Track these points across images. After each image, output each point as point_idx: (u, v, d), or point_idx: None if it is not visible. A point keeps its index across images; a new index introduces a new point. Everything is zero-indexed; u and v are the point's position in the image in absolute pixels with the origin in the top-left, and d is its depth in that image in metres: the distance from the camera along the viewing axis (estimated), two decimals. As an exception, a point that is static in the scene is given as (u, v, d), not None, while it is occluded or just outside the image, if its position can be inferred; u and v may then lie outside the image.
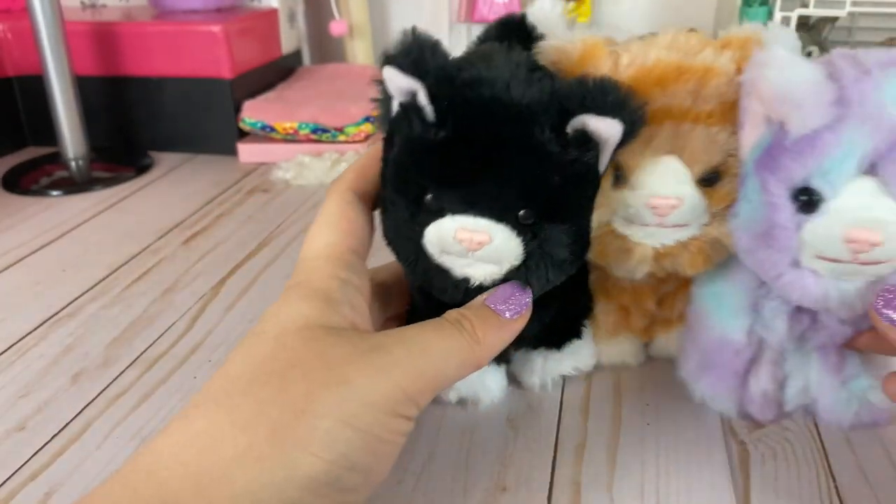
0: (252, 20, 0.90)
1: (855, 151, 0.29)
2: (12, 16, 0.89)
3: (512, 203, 0.30)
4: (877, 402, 0.36)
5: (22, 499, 0.35)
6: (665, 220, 0.34)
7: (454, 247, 0.31)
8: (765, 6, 0.83)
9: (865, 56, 0.31)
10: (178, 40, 0.85)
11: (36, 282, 0.57)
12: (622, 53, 0.34)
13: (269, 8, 0.96)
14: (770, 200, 0.31)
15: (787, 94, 0.29)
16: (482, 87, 0.30)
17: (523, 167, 0.30)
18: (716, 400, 0.38)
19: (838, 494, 0.34)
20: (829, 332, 0.35)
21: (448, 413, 0.40)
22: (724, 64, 0.34)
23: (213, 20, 0.86)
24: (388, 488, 0.35)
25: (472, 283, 0.32)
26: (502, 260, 0.31)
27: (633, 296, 0.41)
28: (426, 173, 0.31)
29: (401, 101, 0.31)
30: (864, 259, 0.29)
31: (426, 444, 0.38)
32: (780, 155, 0.30)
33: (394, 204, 0.32)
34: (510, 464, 0.36)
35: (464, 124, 0.30)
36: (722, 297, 0.37)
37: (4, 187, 0.78)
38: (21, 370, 0.46)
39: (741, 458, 0.36)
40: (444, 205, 0.31)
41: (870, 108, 0.29)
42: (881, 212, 0.29)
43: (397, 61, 0.29)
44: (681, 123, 0.33)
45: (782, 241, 0.31)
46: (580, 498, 0.34)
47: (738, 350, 0.36)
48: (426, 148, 0.30)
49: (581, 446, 0.37)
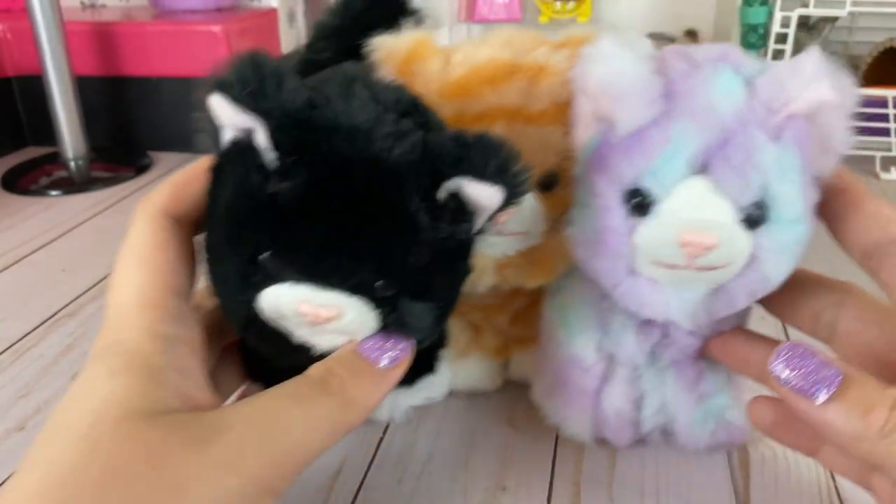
0: (252, 20, 0.90)
1: (684, 149, 0.27)
2: (12, 16, 0.89)
3: (368, 278, 0.25)
4: (734, 420, 0.35)
5: (21, 499, 0.35)
6: (502, 228, 0.32)
7: (294, 318, 0.26)
8: (765, 6, 0.83)
9: (697, 51, 0.29)
10: (177, 40, 0.85)
11: (36, 282, 0.57)
12: (454, 52, 0.33)
13: (269, 8, 0.96)
14: (600, 203, 0.29)
15: (612, 88, 0.28)
16: (339, 139, 0.24)
17: (385, 241, 0.25)
18: (568, 422, 0.36)
19: (838, 494, 0.34)
20: (680, 345, 0.33)
21: (448, 413, 0.40)
22: (559, 63, 0.32)
23: (212, 20, 0.86)
24: (387, 488, 0.35)
25: (314, 352, 0.27)
26: (355, 333, 0.27)
27: (484, 313, 0.39)
28: (264, 232, 0.25)
29: (233, 136, 0.25)
30: (701, 264, 0.28)
31: (426, 444, 0.38)
32: (609, 154, 0.29)
33: (222, 256, 0.26)
34: (510, 464, 0.36)
35: (315, 181, 0.24)
36: (568, 311, 0.35)
37: (4, 187, 0.78)
38: (21, 370, 0.46)
39: (741, 458, 0.36)
40: (285, 271, 0.25)
41: (698, 104, 0.27)
42: (714, 213, 0.27)
43: (231, 92, 0.24)
44: (513, 123, 0.32)
45: (615, 246, 0.29)
46: (580, 498, 0.34)
47: (587, 367, 0.34)
48: (265, 202, 0.24)
49: (581, 446, 0.37)
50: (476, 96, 0.32)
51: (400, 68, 0.33)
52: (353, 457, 0.37)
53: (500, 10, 1.00)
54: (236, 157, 0.25)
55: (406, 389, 0.36)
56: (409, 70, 0.33)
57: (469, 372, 0.41)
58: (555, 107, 0.32)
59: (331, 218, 0.25)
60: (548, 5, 0.98)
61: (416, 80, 0.33)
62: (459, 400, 0.41)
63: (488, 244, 0.33)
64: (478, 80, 0.32)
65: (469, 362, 0.41)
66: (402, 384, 0.33)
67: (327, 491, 0.35)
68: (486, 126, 0.32)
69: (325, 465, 0.36)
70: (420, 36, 0.34)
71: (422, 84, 0.32)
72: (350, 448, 0.38)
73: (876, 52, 0.82)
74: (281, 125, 0.24)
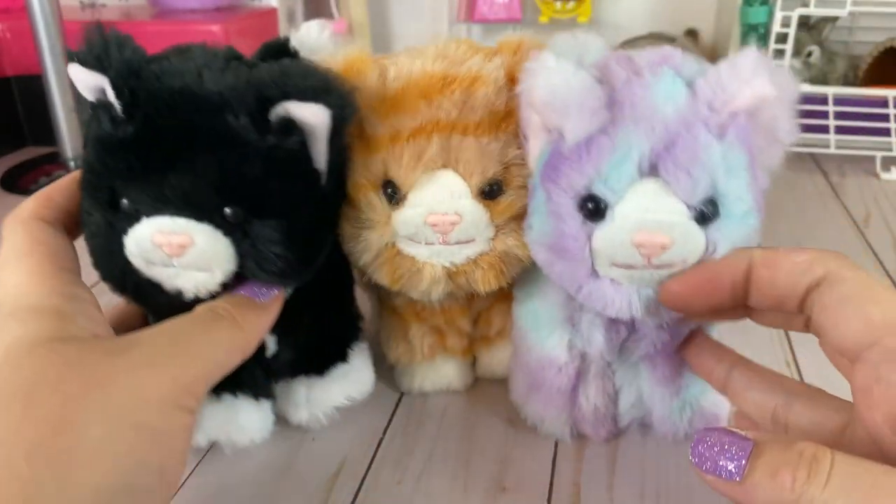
0: (251, 20, 0.90)
1: (631, 154, 0.28)
2: (11, 15, 0.89)
3: (209, 198, 0.28)
4: (709, 406, 0.36)
5: (20, 499, 0.35)
6: (448, 238, 0.32)
7: (155, 254, 0.28)
8: (765, 6, 0.82)
9: (639, 56, 0.30)
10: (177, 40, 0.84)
11: (35, 281, 0.57)
12: (389, 66, 0.33)
13: (269, 7, 0.96)
14: (556, 211, 0.30)
15: (556, 102, 0.28)
16: (171, 78, 0.28)
17: (217, 157, 0.28)
18: (546, 422, 0.37)
19: (839, 495, 0.34)
20: (650, 340, 0.33)
21: (448, 413, 0.40)
22: (492, 71, 0.32)
23: (212, 19, 0.86)
24: (387, 488, 0.35)
25: (185, 296, 0.29)
26: (212, 265, 0.29)
27: (445, 316, 0.39)
28: (115, 173, 0.28)
29: (91, 100, 0.29)
30: (658, 262, 0.29)
31: (426, 444, 0.38)
32: (560, 164, 0.29)
33: (90, 214, 0.29)
34: (510, 464, 0.36)
35: (151, 117, 0.28)
36: (537, 314, 0.36)
37: (3, 187, 0.78)
38: (20, 370, 0.45)
39: (742, 459, 0.36)
40: (138, 206, 0.28)
41: (642, 109, 0.28)
42: (666, 213, 0.28)
43: (80, 57, 0.28)
44: (450, 136, 0.32)
45: (574, 251, 0.30)
46: (580, 498, 0.34)
47: (561, 367, 0.35)
48: (114, 145, 0.28)
49: (581, 446, 0.37)
50: (412, 111, 0.32)
51: None
52: (353, 457, 0.37)
53: (500, 10, 1.00)
54: (92, 120, 0.29)
55: (319, 381, 0.37)
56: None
57: (437, 373, 0.41)
58: (491, 116, 0.32)
59: (167, 147, 0.28)
60: (548, 5, 0.98)
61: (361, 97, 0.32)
62: (459, 400, 0.41)
63: (436, 253, 0.33)
64: (413, 95, 0.32)
65: (436, 364, 0.41)
66: (310, 373, 0.37)
67: (327, 491, 0.35)
68: (424, 140, 0.32)
69: (325, 465, 0.36)
70: (356, 50, 0.34)
71: (360, 100, 0.32)
72: (350, 448, 0.38)
73: (876, 52, 0.82)
74: (118, 75, 0.28)
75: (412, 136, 0.32)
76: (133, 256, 0.29)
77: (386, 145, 0.32)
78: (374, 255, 0.34)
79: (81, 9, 0.99)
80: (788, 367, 0.43)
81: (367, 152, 0.33)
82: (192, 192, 0.28)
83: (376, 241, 0.33)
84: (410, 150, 0.32)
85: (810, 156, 0.82)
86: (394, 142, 0.32)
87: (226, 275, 0.29)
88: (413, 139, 0.32)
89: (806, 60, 0.84)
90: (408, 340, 0.40)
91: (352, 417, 0.40)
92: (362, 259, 0.34)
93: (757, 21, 0.83)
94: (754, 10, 0.83)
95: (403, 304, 0.40)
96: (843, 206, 0.69)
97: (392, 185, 0.33)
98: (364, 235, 0.34)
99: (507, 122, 0.33)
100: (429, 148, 0.32)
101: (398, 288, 0.35)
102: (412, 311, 0.40)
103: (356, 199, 0.33)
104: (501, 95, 0.32)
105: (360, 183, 0.33)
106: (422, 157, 0.32)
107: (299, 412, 0.38)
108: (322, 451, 0.38)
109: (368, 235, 0.33)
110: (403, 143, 0.32)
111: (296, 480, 0.36)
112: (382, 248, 0.34)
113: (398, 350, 0.41)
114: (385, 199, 0.33)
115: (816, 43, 0.84)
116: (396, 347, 0.41)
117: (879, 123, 0.78)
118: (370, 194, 0.33)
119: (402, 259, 0.34)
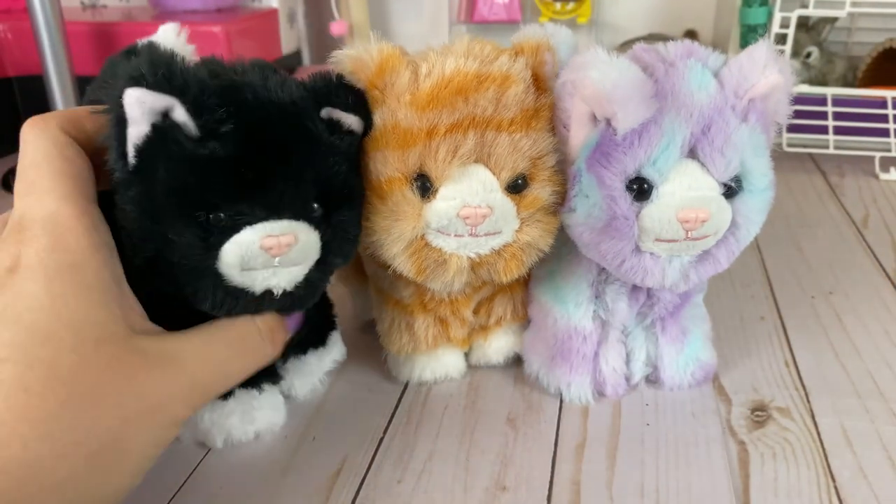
0: (252, 20, 0.90)
1: (676, 139, 0.32)
2: (12, 16, 0.89)
3: (310, 198, 0.31)
4: (706, 359, 0.41)
5: (22, 499, 0.35)
6: (477, 230, 0.34)
7: (258, 258, 0.30)
8: (765, 6, 0.83)
9: (665, 49, 0.34)
10: (178, 40, 0.84)
11: (36, 282, 0.57)
12: (420, 63, 0.34)
13: (269, 8, 0.96)
14: (609, 194, 0.33)
15: (613, 94, 0.31)
16: (245, 92, 0.29)
17: (310, 161, 0.31)
18: (572, 387, 0.40)
19: (838, 494, 0.34)
20: (664, 303, 0.39)
21: (448, 413, 0.40)
22: (520, 71, 0.34)
23: (213, 20, 0.86)
24: (388, 487, 0.35)
25: (276, 293, 0.32)
26: (308, 257, 0.32)
27: (451, 306, 0.41)
28: (215, 190, 0.29)
29: (151, 123, 0.28)
30: (695, 235, 0.33)
31: (426, 444, 0.38)
32: (612, 150, 0.32)
33: (179, 236, 0.29)
34: (510, 464, 0.36)
35: (241, 131, 0.29)
36: (563, 292, 0.39)
37: (4, 187, 0.78)
38: (21, 370, 0.46)
39: (741, 458, 0.36)
40: (244, 217, 0.29)
41: (681, 98, 0.32)
42: (705, 190, 0.32)
43: (144, 81, 0.27)
44: (485, 132, 0.33)
45: (624, 230, 0.33)
46: (580, 498, 0.34)
47: (586, 336, 0.39)
48: (205, 164, 0.28)
49: (581, 446, 0.37)
50: (449, 107, 0.33)
51: (372, 81, 0.34)
52: (353, 456, 0.37)
53: (500, 11, 1.00)
54: (159, 142, 0.28)
55: (323, 349, 0.41)
56: (381, 82, 0.34)
57: (438, 363, 0.42)
58: (522, 114, 0.34)
59: (268, 157, 0.29)
60: (547, 6, 0.98)
61: (389, 92, 0.34)
62: (460, 400, 0.41)
63: (463, 244, 0.34)
64: (449, 92, 0.33)
65: (437, 354, 0.42)
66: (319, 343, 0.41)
67: (327, 491, 0.35)
68: (460, 135, 0.33)
69: (325, 465, 0.37)
70: (388, 47, 0.34)
71: (394, 96, 0.33)
72: (350, 447, 0.38)
73: (875, 52, 0.82)
74: (198, 94, 0.28)
75: (449, 132, 0.33)
76: (228, 266, 0.30)
77: (423, 139, 0.33)
78: (404, 245, 0.35)
79: (82, 9, 0.99)
80: (788, 367, 0.44)
81: (403, 146, 0.33)
82: (297, 195, 0.30)
83: (408, 233, 0.34)
84: (447, 144, 0.33)
85: (809, 156, 0.82)
86: (430, 136, 0.33)
87: (311, 264, 0.32)
88: (450, 134, 0.33)
89: (805, 61, 0.84)
90: (412, 331, 0.41)
91: (352, 417, 0.40)
92: (391, 250, 0.35)
93: (756, 22, 0.83)
94: (753, 11, 0.83)
95: (411, 296, 0.40)
96: (841, 206, 0.69)
97: (425, 178, 0.34)
98: (396, 227, 0.34)
99: (536, 120, 0.34)
100: (465, 143, 0.33)
101: (422, 279, 0.36)
102: (419, 301, 0.40)
103: (388, 192, 0.34)
104: (530, 94, 0.34)
105: (394, 177, 0.34)
106: (457, 151, 0.33)
107: (305, 384, 0.41)
108: (322, 450, 0.38)
109: (401, 227, 0.34)
110: (440, 138, 0.33)
111: (296, 480, 0.36)
112: (413, 239, 0.34)
113: (401, 341, 0.42)
114: (417, 191, 0.34)
115: (815, 44, 0.84)
116: (399, 339, 0.42)
117: (878, 124, 0.78)
118: (404, 187, 0.34)
119: (429, 251, 0.35)
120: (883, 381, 0.42)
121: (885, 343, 0.46)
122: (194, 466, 0.37)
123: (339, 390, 0.43)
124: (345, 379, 0.43)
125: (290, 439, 0.38)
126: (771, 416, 0.39)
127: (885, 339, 0.46)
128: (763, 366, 0.44)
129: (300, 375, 0.41)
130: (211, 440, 0.37)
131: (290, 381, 0.41)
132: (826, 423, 0.39)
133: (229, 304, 0.31)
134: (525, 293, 0.42)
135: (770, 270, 0.56)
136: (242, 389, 0.37)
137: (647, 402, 0.41)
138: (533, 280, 0.41)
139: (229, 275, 0.30)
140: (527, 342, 0.42)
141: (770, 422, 0.39)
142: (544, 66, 0.35)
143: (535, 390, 0.42)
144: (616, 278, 0.37)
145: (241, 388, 0.37)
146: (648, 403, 0.41)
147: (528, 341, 0.42)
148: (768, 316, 0.49)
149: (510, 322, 0.42)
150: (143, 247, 0.29)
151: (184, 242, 0.29)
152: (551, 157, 0.35)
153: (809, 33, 0.85)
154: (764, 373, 0.43)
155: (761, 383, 0.42)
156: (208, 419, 0.37)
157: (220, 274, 0.30)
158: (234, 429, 0.37)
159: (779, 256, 0.58)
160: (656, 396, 0.41)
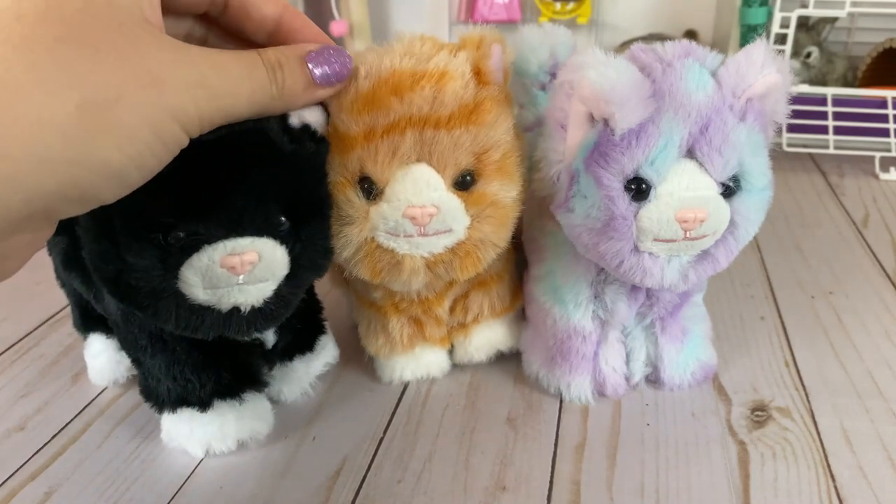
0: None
1: (674, 139, 0.32)
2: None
3: (273, 211, 0.30)
4: (706, 359, 0.41)
5: (22, 498, 0.35)
6: (426, 229, 0.34)
7: (220, 278, 0.29)
8: (765, 6, 0.83)
9: (663, 49, 0.34)
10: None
11: (36, 282, 0.57)
12: (360, 64, 0.33)
13: (269, 8, 0.96)
14: (607, 194, 0.33)
15: (610, 94, 0.31)
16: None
17: (276, 173, 0.29)
18: (572, 387, 0.40)
19: (838, 494, 0.34)
20: (663, 303, 0.39)
21: (448, 413, 0.40)
22: (459, 66, 0.34)
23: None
24: (388, 487, 0.35)
25: (243, 310, 0.30)
26: (275, 273, 0.30)
27: (423, 306, 0.41)
28: (169, 208, 0.28)
29: None
30: (693, 235, 0.33)
31: (426, 444, 0.38)
32: (610, 150, 0.32)
33: (137, 257, 0.29)
34: (510, 464, 0.36)
35: (195, 147, 0.27)
36: (561, 293, 0.39)
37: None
38: (21, 370, 0.46)
39: (741, 458, 0.36)
40: (201, 236, 0.28)
41: (679, 98, 0.32)
42: (703, 190, 0.32)
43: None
44: (423, 130, 0.33)
45: (623, 230, 0.33)
46: (580, 498, 0.34)
47: (586, 336, 0.39)
48: (157, 183, 0.26)
49: (581, 446, 0.37)
50: (384, 108, 0.32)
51: None
52: (353, 457, 0.37)
53: (500, 10, 1.00)
54: None
55: (311, 355, 0.41)
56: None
57: (417, 363, 0.43)
58: (461, 110, 0.33)
59: (219, 173, 0.28)
60: (547, 6, 0.98)
61: (331, 98, 0.33)
62: (459, 400, 0.41)
63: (415, 245, 0.34)
64: (384, 92, 0.32)
65: (416, 354, 0.42)
66: (307, 349, 0.41)
67: (327, 491, 0.35)
68: (398, 136, 0.32)
69: (325, 465, 0.37)
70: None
71: (336, 99, 0.33)
72: (350, 448, 0.38)
73: (875, 52, 0.82)
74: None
75: (386, 133, 0.32)
76: (189, 286, 0.29)
77: (361, 143, 0.33)
78: (354, 249, 0.34)
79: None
80: (788, 366, 0.44)
81: (343, 150, 0.33)
82: (258, 208, 0.29)
83: (356, 237, 0.34)
84: (385, 146, 0.32)
85: (809, 156, 0.82)
86: (368, 139, 0.33)
87: (280, 280, 0.31)
88: (387, 135, 0.32)
89: (805, 61, 0.84)
90: (387, 332, 0.41)
91: (352, 417, 0.40)
92: (343, 254, 0.35)
93: (756, 22, 0.83)
94: (753, 11, 0.83)
95: (382, 297, 0.40)
96: (841, 206, 0.69)
97: (368, 180, 0.33)
98: (344, 231, 0.34)
99: (476, 115, 0.34)
100: (403, 143, 0.33)
101: (379, 281, 0.36)
102: (391, 303, 0.41)
103: (335, 197, 0.34)
104: (469, 89, 0.34)
105: (337, 181, 0.34)
106: (396, 152, 0.33)
107: (293, 389, 0.41)
108: (323, 450, 0.38)
109: (348, 231, 0.34)
110: (378, 140, 0.33)
111: (296, 480, 0.36)
112: (362, 242, 0.34)
113: (378, 342, 0.42)
114: (362, 194, 0.34)
115: (815, 44, 0.84)
116: (376, 340, 0.42)
117: (878, 124, 0.78)
118: (348, 191, 0.34)
119: (381, 252, 0.34)
120: (883, 381, 0.42)
121: (885, 343, 0.46)
122: (195, 466, 0.37)
123: (339, 390, 0.43)
124: (345, 379, 0.44)
125: (290, 439, 0.39)
126: (771, 416, 0.39)
127: (885, 339, 0.46)
128: (763, 366, 0.44)
129: (287, 382, 0.41)
130: (192, 450, 0.37)
131: (278, 387, 0.41)
132: (826, 423, 0.39)
133: (195, 322, 0.30)
134: (501, 288, 0.42)
135: (770, 270, 0.56)
136: (221, 401, 0.36)
137: (646, 402, 0.41)
138: (532, 280, 0.41)
139: (192, 294, 0.30)
140: (526, 342, 0.42)
141: (770, 422, 0.39)
142: (487, 60, 0.34)
143: (535, 390, 0.42)
144: (615, 278, 0.37)
145: (220, 399, 0.36)
146: (648, 403, 0.41)
147: (527, 341, 0.42)
148: (768, 316, 0.49)
149: (489, 318, 0.42)
150: (105, 268, 0.29)
151: (142, 265, 0.29)
152: (497, 151, 0.34)
153: (809, 33, 0.85)
154: (764, 373, 0.43)
155: (761, 383, 0.42)
156: (187, 429, 0.36)
157: (182, 293, 0.29)
158: (214, 439, 0.36)
159: (779, 256, 0.58)
160: (656, 396, 0.41)
